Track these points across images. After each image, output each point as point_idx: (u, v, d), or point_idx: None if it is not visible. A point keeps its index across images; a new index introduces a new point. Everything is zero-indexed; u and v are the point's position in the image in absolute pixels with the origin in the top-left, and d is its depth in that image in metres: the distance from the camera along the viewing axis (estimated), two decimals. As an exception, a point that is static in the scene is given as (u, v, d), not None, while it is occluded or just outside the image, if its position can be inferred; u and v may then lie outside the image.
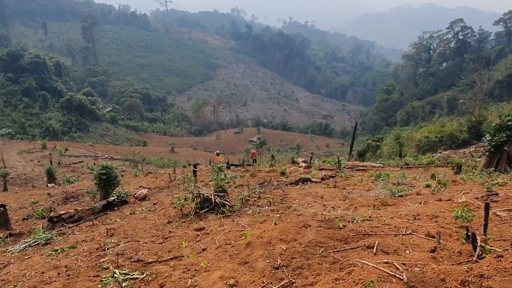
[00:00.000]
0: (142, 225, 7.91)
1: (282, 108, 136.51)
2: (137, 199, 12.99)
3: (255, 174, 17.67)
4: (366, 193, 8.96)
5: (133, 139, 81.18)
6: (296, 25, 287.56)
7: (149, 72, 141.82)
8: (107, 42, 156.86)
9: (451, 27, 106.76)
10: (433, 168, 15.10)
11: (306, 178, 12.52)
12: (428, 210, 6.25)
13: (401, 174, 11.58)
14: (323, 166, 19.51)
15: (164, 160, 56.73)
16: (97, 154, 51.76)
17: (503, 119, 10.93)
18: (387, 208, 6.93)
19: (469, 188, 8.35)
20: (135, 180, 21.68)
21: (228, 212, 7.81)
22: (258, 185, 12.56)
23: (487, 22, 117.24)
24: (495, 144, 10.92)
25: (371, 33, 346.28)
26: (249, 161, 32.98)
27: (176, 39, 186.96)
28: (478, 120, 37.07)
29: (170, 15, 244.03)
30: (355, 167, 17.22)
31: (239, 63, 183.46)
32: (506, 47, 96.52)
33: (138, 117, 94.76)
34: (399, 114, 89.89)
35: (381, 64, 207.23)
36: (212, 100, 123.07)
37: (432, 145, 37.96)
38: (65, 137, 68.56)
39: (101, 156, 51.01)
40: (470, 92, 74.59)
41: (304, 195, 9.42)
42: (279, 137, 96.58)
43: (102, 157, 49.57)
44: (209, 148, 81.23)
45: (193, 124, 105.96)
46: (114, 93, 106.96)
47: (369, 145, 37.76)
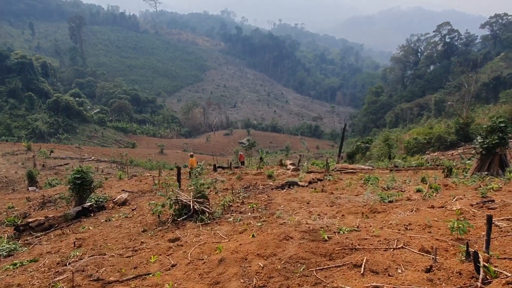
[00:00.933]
0: (115, 234, 7.32)
1: (272, 109, 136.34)
2: (116, 204, 12.34)
3: (242, 177, 17.13)
4: (355, 199, 8.49)
5: (121, 141, 79.90)
6: (285, 27, 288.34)
7: (138, 73, 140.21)
8: (95, 43, 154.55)
9: (438, 30, 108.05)
10: (423, 170, 14.77)
11: (293, 182, 12.03)
12: (420, 218, 5.79)
13: (391, 178, 11.15)
14: (312, 168, 19.08)
15: (153, 162, 55.88)
16: (84, 156, 50.67)
17: (494, 120, 10.61)
18: (377, 216, 6.46)
19: (462, 193, 7.93)
20: (119, 184, 20.93)
21: (208, 220, 7.27)
22: (243, 189, 12.02)
23: (473, 25, 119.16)
24: (487, 146, 10.57)
25: (360, 35, 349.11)
26: (238, 163, 32.42)
27: (165, 41, 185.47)
28: (466, 122, 37.21)
29: (160, 16, 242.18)
30: (344, 170, 16.84)
31: (229, 64, 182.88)
32: (492, 50, 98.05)
33: (127, 119, 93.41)
34: (388, 116, 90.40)
35: (370, 66, 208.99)
36: (202, 101, 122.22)
37: (421, 147, 37.96)
38: (52, 139, 67.05)
39: (88, 158, 49.93)
40: (457, 94, 75.40)
41: (289, 201, 8.92)
42: (269, 138, 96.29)
43: (88, 159, 48.57)
44: (199, 150, 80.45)
45: (183, 126, 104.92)
46: (103, 95, 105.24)
47: (359, 147, 37.57)
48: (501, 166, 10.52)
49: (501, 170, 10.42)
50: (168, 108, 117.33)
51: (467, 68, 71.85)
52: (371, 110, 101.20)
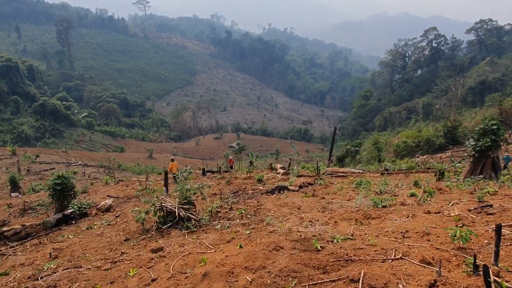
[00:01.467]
0: (96, 243, 6.89)
1: (262, 113, 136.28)
2: (100, 210, 11.85)
3: (231, 182, 16.77)
4: (347, 204, 8.20)
5: (110, 145, 78.75)
6: (275, 32, 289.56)
7: (127, 77, 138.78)
8: (83, 46, 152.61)
9: (425, 35, 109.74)
10: (414, 174, 14.63)
11: (283, 186, 11.72)
12: (417, 225, 5.52)
13: (383, 182, 10.93)
14: (302, 172, 18.82)
15: (141, 166, 55.17)
16: (70, 161, 49.73)
17: (487, 123, 10.48)
18: (371, 222, 6.16)
19: (457, 197, 7.72)
20: (105, 189, 20.35)
21: (194, 227, 6.89)
22: (232, 194, 11.66)
23: (459, 31, 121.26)
24: (479, 149, 10.45)
25: (349, 40, 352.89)
26: (227, 167, 31.99)
27: (155, 44, 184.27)
28: (454, 125, 37.58)
29: (149, 20, 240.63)
30: (335, 174, 16.61)
31: (219, 68, 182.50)
32: (478, 55, 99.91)
33: (116, 123, 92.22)
34: (376, 119, 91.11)
35: (358, 70, 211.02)
36: (192, 105, 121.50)
37: (410, 150, 38.16)
38: (38, 143, 65.66)
39: (74, 163, 49.04)
40: (444, 98, 76.54)
41: (279, 206, 8.59)
42: (259, 142, 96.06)
43: (75, 164, 47.73)
44: (188, 154, 79.87)
45: (173, 130, 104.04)
46: (91, 98, 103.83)
47: (348, 150, 37.56)
48: (493, 169, 10.39)
49: (493, 173, 10.29)
50: (158, 112, 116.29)
51: (453, 72, 73.04)
52: (360, 114, 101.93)
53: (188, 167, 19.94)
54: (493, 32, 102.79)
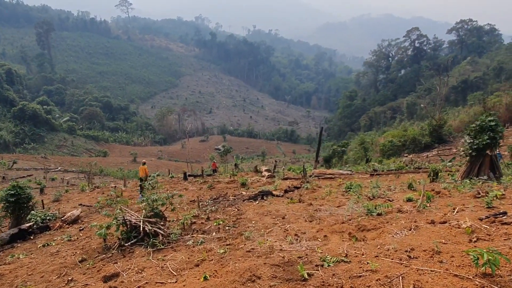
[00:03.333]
0: (45, 265, 5.87)
1: (248, 115, 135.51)
2: (66, 222, 10.73)
3: (214, 186, 15.84)
4: (337, 211, 7.37)
5: (93, 149, 76.72)
6: (260, 33, 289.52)
7: (110, 80, 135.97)
8: (64, 49, 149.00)
9: (408, 35, 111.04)
10: (404, 174, 13.99)
11: (266, 191, 10.85)
12: (423, 240, 4.69)
13: (374, 184, 10.15)
14: (288, 174, 18.01)
15: (124, 171, 53.71)
16: (50, 166, 48.02)
17: (483, 119, 9.84)
18: (367, 235, 5.31)
19: (460, 202, 6.96)
20: (79, 196, 19.12)
21: (161, 244, 5.92)
22: (212, 200, 10.72)
23: (440, 31, 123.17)
24: (476, 147, 9.85)
25: (333, 41, 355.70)
26: (211, 171, 30.97)
27: (138, 46, 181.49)
28: (439, 124, 37.52)
29: (132, 22, 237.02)
30: (322, 175, 15.86)
31: (204, 70, 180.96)
32: (459, 55, 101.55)
33: (99, 127, 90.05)
34: (362, 119, 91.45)
35: (343, 71, 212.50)
36: (177, 108, 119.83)
37: (396, 149, 37.98)
38: (18, 149, 63.23)
39: (54, 169, 47.42)
40: (427, 97, 77.32)
41: (262, 215, 7.70)
42: (245, 144, 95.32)
43: (54, 170, 46.15)
44: (174, 157, 78.51)
45: (158, 133, 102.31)
46: (72, 102, 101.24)
47: (335, 151, 37.19)
48: (492, 169, 9.76)
49: (492, 173, 9.66)
50: (142, 115, 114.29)
51: (436, 72, 73.91)
52: (345, 114, 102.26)
53: (156, 173, 18.81)
54: (473, 32, 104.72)
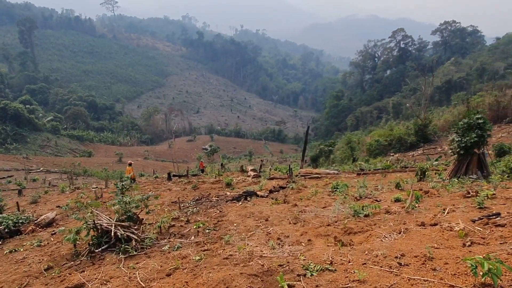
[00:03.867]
0: (7, 275, 5.40)
1: (235, 115, 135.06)
2: (39, 226, 10.18)
3: (198, 187, 15.42)
4: (323, 212, 7.07)
5: (77, 149, 75.22)
6: (247, 33, 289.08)
7: (95, 79, 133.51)
8: (48, 47, 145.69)
9: (393, 36, 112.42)
10: (391, 173, 13.86)
11: (251, 192, 10.51)
12: (414, 244, 4.40)
13: (361, 184, 9.91)
14: (274, 174, 17.72)
15: (109, 171, 52.76)
16: (31, 167, 46.84)
17: (471, 117, 9.74)
18: (354, 239, 5.01)
19: (450, 202, 6.73)
20: (58, 198, 18.41)
21: (134, 250, 5.51)
22: (194, 202, 10.32)
23: (424, 32, 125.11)
24: (464, 145, 9.73)
25: (320, 41, 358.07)
26: (198, 171, 30.50)
27: (124, 45, 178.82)
28: (424, 123, 37.85)
29: (118, 20, 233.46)
30: (309, 175, 15.62)
31: (191, 70, 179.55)
32: (443, 55, 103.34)
33: (83, 127, 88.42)
34: (348, 119, 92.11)
35: (330, 71, 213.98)
36: (164, 107, 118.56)
37: (382, 149, 38.20)
38: (-1, 149, 61.42)
39: (35, 169, 46.31)
40: (413, 97, 78.40)
41: (245, 217, 7.36)
42: (233, 144, 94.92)
43: (36, 170, 45.04)
44: (161, 157, 77.55)
45: (144, 133, 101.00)
46: (56, 101, 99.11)
47: (322, 150, 37.21)
48: (479, 167, 9.65)
49: (480, 171, 9.54)
50: (128, 114, 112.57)
51: (421, 72, 74.93)
52: (332, 114, 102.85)
53: (130, 174, 18.23)
54: (457, 34, 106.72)
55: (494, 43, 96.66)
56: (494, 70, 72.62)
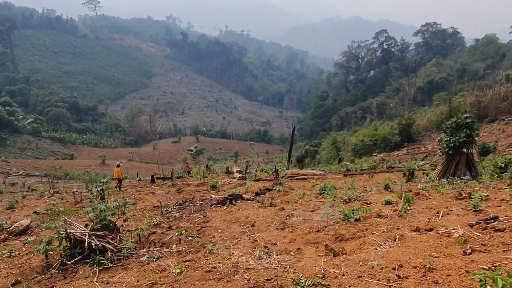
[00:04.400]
0: (-30, 292, 4.92)
1: (221, 116, 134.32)
2: (12, 234, 9.58)
3: (182, 189, 14.99)
4: (311, 216, 6.77)
5: (59, 152, 73.28)
6: (232, 34, 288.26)
7: (78, 80, 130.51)
8: (28, 47, 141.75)
9: (376, 37, 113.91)
10: (378, 174, 13.74)
11: (236, 195, 10.17)
12: (412, 253, 4.12)
13: (349, 186, 9.68)
14: (260, 176, 17.43)
15: (91, 174, 51.59)
16: (11, 170, 45.36)
17: (460, 116, 9.64)
18: (346, 247, 4.69)
19: (442, 204, 6.53)
20: (36, 203, 17.63)
21: (109, 262, 5.09)
22: (177, 206, 9.91)
23: (406, 34, 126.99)
24: (453, 145, 9.59)
25: (304, 42, 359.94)
26: (185, 173, 29.94)
27: (107, 46, 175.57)
28: (408, 123, 38.24)
29: (100, 20, 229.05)
30: (295, 176, 15.39)
31: (176, 71, 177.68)
32: (425, 56, 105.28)
33: (65, 128, 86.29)
34: (333, 119, 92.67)
35: (314, 72, 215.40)
36: (148, 109, 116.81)
37: (367, 149, 38.43)
38: (-23, 153, 59.14)
39: (15, 172, 44.88)
40: (396, 97, 79.47)
41: (230, 222, 7.01)
42: (219, 145, 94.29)
43: (15, 174, 43.69)
44: (145, 159, 76.32)
45: (128, 135, 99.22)
46: (37, 103, 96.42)
47: (308, 151, 37.21)
48: (468, 167, 9.56)
49: (468, 171, 9.45)
50: (111, 116, 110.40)
51: (404, 72, 76.14)
52: (317, 114, 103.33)
53: (107, 178, 17.58)
54: (438, 35, 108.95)
55: (474, 45, 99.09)
56: (474, 70, 74.26)
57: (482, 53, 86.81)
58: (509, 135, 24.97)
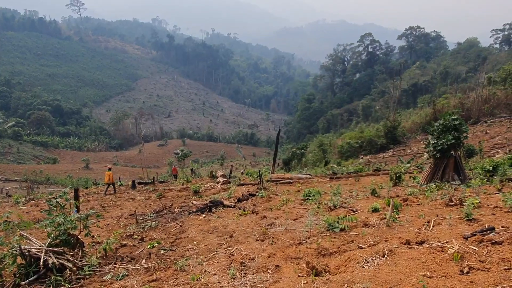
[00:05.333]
0: None
1: (208, 119, 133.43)
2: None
3: (164, 195, 14.41)
4: (294, 225, 6.32)
5: (41, 156, 71.49)
6: (219, 37, 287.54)
7: (61, 82, 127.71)
8: (9, 49, 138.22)
9: (361, 40, 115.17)
10: (364, 177, 13.46)
11: (217, 202, 9.68)
12: (403, 272, 3.66)
13: (335, 191, 9.28)
14: (245, 180, 16.97)
15: (74, 179, 50.32)
16: (-13, 176, 43.85)
17: (447, 118, 9.30)
18: (330, 263, 4.23)
19: (432, 212, 6.12)
20: (8, 210, 16.73)
21: (67, 283, 4.54)
22: (154, 214, 9.35)
23: (391, 38, 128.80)
24: (441, 148, 9.22)
25: (290, 45, 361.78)
26: (171, 176, 29.17)
27: (91, 48, 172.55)
28: (393, 125, 38.41)
29: (85, 22, 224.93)
30: (280, 180, 14.99)
31: (162, 73, 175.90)
32: (409, 60, 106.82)
33: (48, 132, 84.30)
34: (320, 122, 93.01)
35: (301, 75, 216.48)
36: (134, 112, 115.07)
37: (354, 151, 38.45)
38: (-45, 157, 57.11)
39: (-8, 178, 43.37)
40: (381, 100, 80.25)
41: (207, 232, 6.52)
42: (205, 148, 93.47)
43: (-6, 179, 42.21)
44: (131, 162, 75.09)
45: (113, 138, 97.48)
46: (19, 106, 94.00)
47: (294, 153, 36.99)
48: (456, 171, 9.29)
49: (456, 175, 9.18)
50: (96, 119, 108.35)
51: (388, 75, 76.92)
52: (304, 117, 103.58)
53: (67, 188, 16.91)
54: (421, 39, 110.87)
55: (456, 48, 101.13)
56: (456, 73, 75.57)
57: (464, 56, 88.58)
58: (492, 136, 25.19)
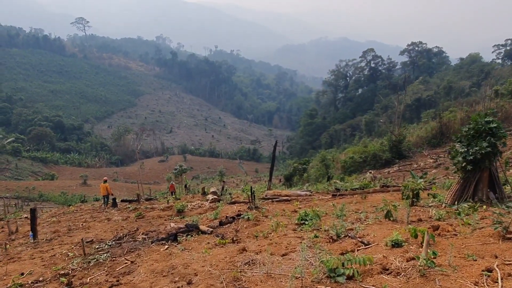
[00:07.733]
0: None
1: (210, 134, 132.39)
2: None
3: (144, 215, 12.73)
4: (280, 266, 4.43)
5: (40, 172, 70.56)
6: (221, 53, 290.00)
7: (63, 98, 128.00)
8: (13, 66, 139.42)
9: (364, 56, 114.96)
10: (371, 194, 11.75)
11: (191, 226, 7.96)
12: None
13: (338, 212, 7.40)
14: (238, 197, 15.26)
15: (68, 195, 48.90)
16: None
17: (480, 121, 7.38)
18: None
19: (483, 248, 4.12)
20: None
21: None
22: (115, 241, 7.67)
23: (392, 54, 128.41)
24: (473, 158, 7.19)
25: (293, 62, 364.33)
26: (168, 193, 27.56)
27: (95, 65, 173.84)
28: (398, 139, 36.90)
29: (90, 40, 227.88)
30: (277, 198, 13.28)
31: (165, 89, 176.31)
32: (412, 75, 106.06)
33: (48, 148, 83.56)
34: (323, 137, 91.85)
35: (303, 91, 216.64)
36: (135, 127, 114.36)
37: (357, 166, 36.90)
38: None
39: (-18, 195, 42.07)
40: (384, 115, 79.10)
41: (160, 275, 4.75)
42: (207, 164, 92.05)
43: (-18, 196, 40.84)
44: (130, 178, 73.70)
45: (114, 154, 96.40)
46: (20, 122, 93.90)
47: (296, 168, 35.65)
48: (491, 187, 7.44)
49: (492, 192, 7.31)
50: (97, 135, 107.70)
51: (391, 90, 75.85)
52: (307, 132, 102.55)
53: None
54: (423, 54, 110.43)
55: (459, 63, 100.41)
56: (460, 88, 74.54)
57: (467, 71, 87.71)
58: (509, 148, 23.52)
